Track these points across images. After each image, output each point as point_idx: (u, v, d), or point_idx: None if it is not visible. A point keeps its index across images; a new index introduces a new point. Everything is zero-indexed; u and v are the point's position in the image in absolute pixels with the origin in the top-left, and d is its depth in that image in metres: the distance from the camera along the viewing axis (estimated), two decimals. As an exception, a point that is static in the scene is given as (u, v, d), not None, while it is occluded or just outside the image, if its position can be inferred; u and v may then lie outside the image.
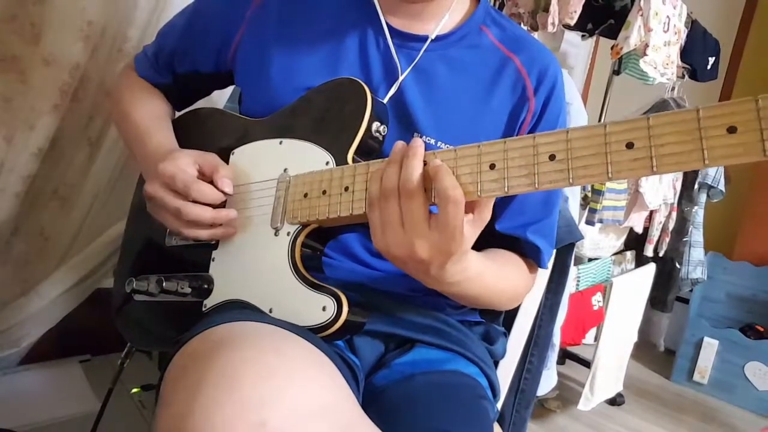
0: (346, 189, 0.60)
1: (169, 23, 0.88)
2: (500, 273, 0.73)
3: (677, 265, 2.43)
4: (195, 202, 0.67)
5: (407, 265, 0.56)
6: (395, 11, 0.76)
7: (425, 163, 0.53)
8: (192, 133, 0.81)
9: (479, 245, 0.60)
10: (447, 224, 0.51)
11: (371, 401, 0.68)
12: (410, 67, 0.74)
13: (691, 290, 2.57)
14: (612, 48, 1.95)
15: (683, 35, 2.12)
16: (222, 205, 0.70)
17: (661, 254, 2.38)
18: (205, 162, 0.70)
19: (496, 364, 0.88)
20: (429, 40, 0.75)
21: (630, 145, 0.43)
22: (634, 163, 0.43)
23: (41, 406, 1.26)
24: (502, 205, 0.76)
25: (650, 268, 2.15)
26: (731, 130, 0.39)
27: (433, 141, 0.73)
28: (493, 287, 0.69)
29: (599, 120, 2.28)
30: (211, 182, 0.69)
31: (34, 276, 1.29)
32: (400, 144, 0.55)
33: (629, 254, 2.33)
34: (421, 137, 0.73)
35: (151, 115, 0.82)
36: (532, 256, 0.78)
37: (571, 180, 0.46)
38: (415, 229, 0.53)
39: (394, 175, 0.53)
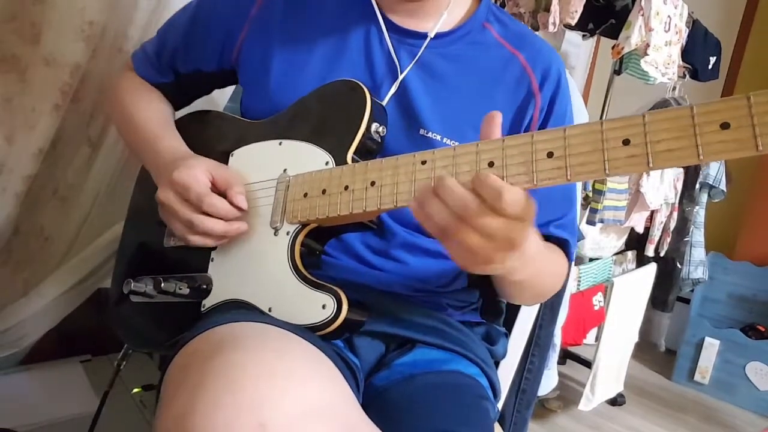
0: (346, 188, 0.60)
1: (170, 21, 0.87)
2: (552, 255, 0.75)
3: (678, 265, 2.42)
4: (206, 214, 0.66)
5: (499, 262, 0.52)
6: (393, 9, 0.77)
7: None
8: (192, 135, 0.81)
9: None
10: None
11: (372, 402, 0.68)
12: (412, 64, 0.75)
13: (692, 290, 2.57)
14: (613, 48, 1.95)
15: (684, 35, 2.12)
16: None
17: (662, 254, 2.37)
18: (218, 174, 0.69)
19: (496, 364, 0.88)
20: (428, 39, 0.75)
21: (626, 142, 0.44)
22: (630, 159, 0.44)
23: (42, 407, 1.26)
24: None
25: (651, 268, 2.15)
26: (724, 126, 0.40)
27: (438, 137, 0.73)
28: (550, 265, 0.72)
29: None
30: (223, 196, 0.68)
31: (35, 276, 1.29)
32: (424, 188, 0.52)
33: (630, 254, 2.33)
34: (426, 133, 0.73)
35: (157, 118, 0.82)
36: (560, 250, 0.79)
37: (569, 176, 0.46)
38: (497, 235, 0.49)
39: (444, 211, 0.49)
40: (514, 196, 0.47)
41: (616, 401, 2.25)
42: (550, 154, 0.47)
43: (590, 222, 1.85)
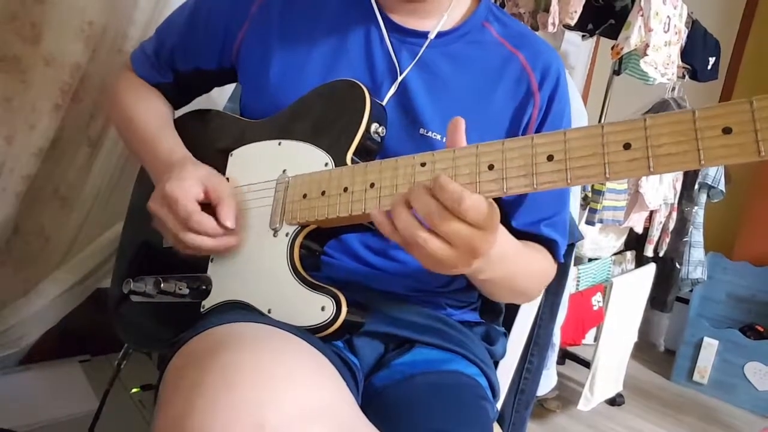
0: (345, 189, 0.60)
1: (168, 19, 0.87)
2: (531, 255, 0.74)
3: (677, 265, 2.43)
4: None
5: (467, 265, 0.53)
6: (394, 9, 0.77)
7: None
8: (191, 134, 0.81)
9: None
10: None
11: (371, 402, 0.68)
12: (412, 63, 0.74)
13: (691, 290, 2.57)
14: (612, 48, 1.96)
15: (684, 35, 2.12)
16: None
17: (661, 254, 2.38)
18: (211, 186, 0.68)
19: (496, 364, 0.88)
20: (429, 39, 0.75)
21: (627, 146, 0.43)
22: (631, 164, 0.43)
23: (41, 406, 1.26)
24: (517, 202, 0.77)
25: (650, 269, 2.15)
26: (726, 131, 0.39)
27: (438, 137, 0.73)
28: (527, 266, 0.71)
29: (599, 120, 2.28)
30: (215, 208, 0.68)
31: (35, 276, 1.29)
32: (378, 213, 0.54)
33: (629, 254, 2.33)
34: (426, 133, 0.73)
35: (155, 120, 0.81)
36: (548, 250, 0.79)
37: (568, 180, 0.46)
38: (463, 241, 0.50)
39: (409, 217, 0.51)
40: (474, 202, 0.47)
41: (615, 401, 2.25)
42: (550, 158, 0.47)
43: (589, 222, 1.86)
